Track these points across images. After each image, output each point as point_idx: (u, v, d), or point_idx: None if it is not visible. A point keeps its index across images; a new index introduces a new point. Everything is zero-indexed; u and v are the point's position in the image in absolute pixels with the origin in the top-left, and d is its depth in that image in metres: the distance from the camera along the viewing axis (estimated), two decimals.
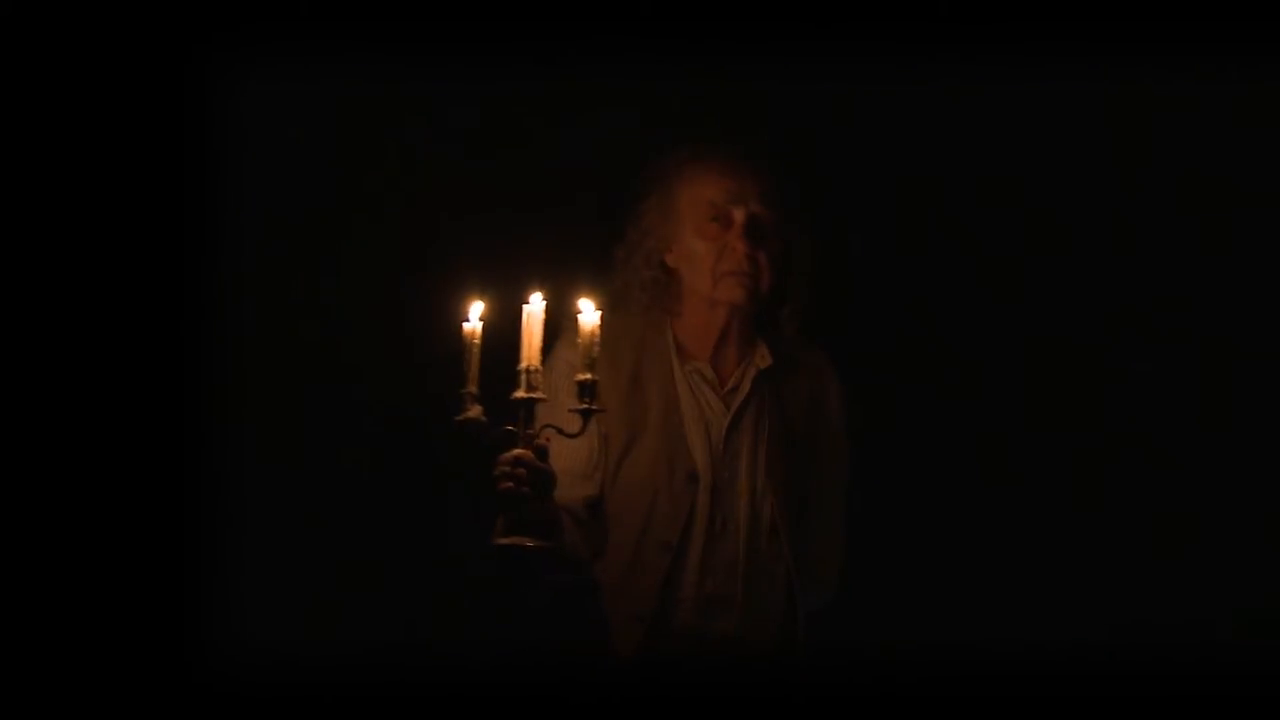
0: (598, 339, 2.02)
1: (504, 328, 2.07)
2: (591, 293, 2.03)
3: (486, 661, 2.74)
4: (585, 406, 2.02)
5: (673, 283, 2.45)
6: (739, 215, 2.38)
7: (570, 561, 2.29)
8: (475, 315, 2.05)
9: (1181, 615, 2.89)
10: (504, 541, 2.03)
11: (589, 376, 2.02)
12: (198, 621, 2.71)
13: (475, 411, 2.03)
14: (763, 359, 2.43)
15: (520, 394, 2.01)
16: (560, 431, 2.05)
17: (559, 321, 2.18)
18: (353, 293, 2.90)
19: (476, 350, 2.05)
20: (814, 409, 2.47)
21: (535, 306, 2.00)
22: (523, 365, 2.00)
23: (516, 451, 2.02)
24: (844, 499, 2.51)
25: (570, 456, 2.33)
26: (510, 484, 2.02)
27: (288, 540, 2.82)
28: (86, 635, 2.64)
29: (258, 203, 2.85)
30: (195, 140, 2.79)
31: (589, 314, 2.01)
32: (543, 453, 2.05)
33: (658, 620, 2.30)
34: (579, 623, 2.37)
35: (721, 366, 2.43)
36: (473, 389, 2.04)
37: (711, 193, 2.40)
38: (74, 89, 2.71)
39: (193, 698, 2.67)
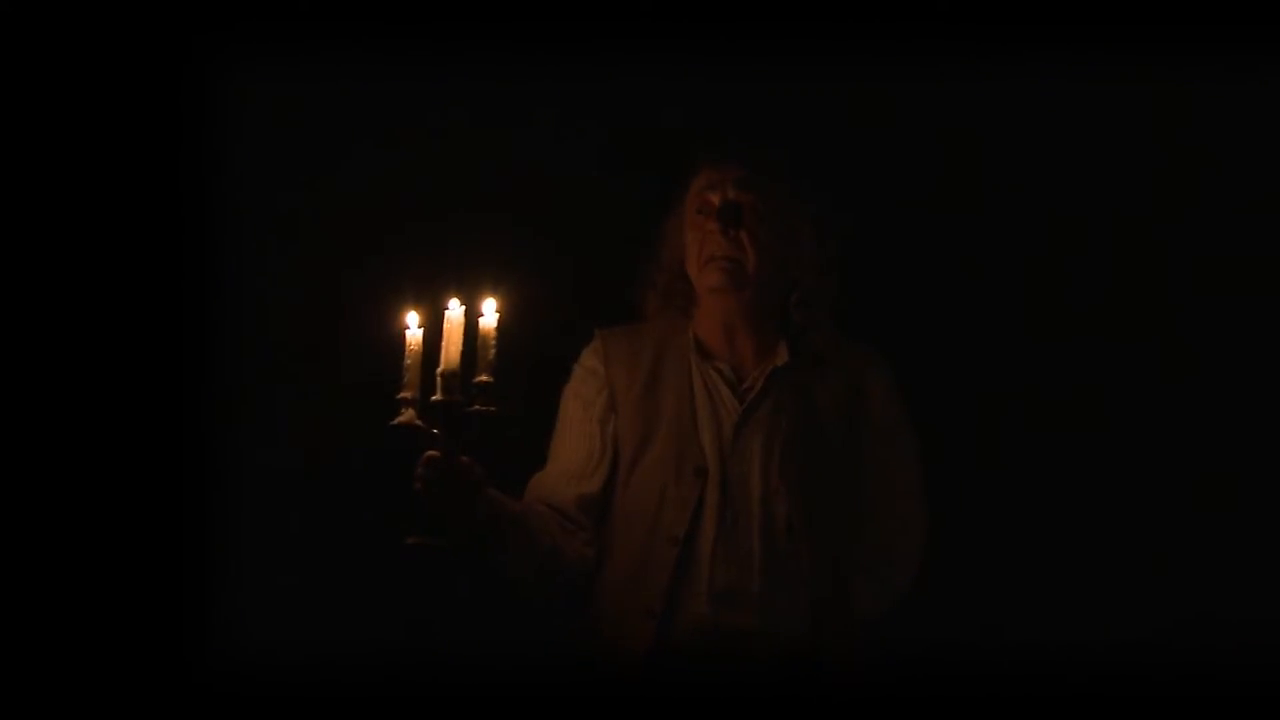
0: (494, 342, 2.03)
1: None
2: (497, 294, 2.05)
3: (489, 661, 2.76)
4: (478, 409, 2.03)
5: (691, 287, 2.47)
6: (715, 200, 2.40)
7: (537, 561, 2.29)
8: (414, 323, 2.08)
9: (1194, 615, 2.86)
10: (410, 540, 2.08)
11: (485, 379, 2.03)
12: (198, 621, 2.74)
13: (407, 416, 2.05)
14: (780, 357, 2.41)
15: (438, 397, 2.03)
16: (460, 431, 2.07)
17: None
18: (348, 291, 2.88)
19: (416, 357, 2.07)
20: (854, 408, 2.43)
21: (454, 312, 2.02)
22: (441, 370, 2.02)
23: (429, 454, 2.05)
24: (911, 498, 2.45)
25: (566, 457, 2.40)
26: (419, 485, 2.05)
27: (288, 540, 2.83)
28: (87, 635, 2.68)
29: (255, 201, 2.86)
30: (193, 138, 2.82)
31: (489, 316, 2.03)
32: (450, 454, 2.06)
33: (671, 615, 2.29)
34: (572, 622, 2.39)
35: (741, 365, 2.43)
36: (408, 394, 2.06)
37: (700, 186, 2.44)
38: (73, 87, 2.75)
39: (193, 698, 2.69)
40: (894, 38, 2.87)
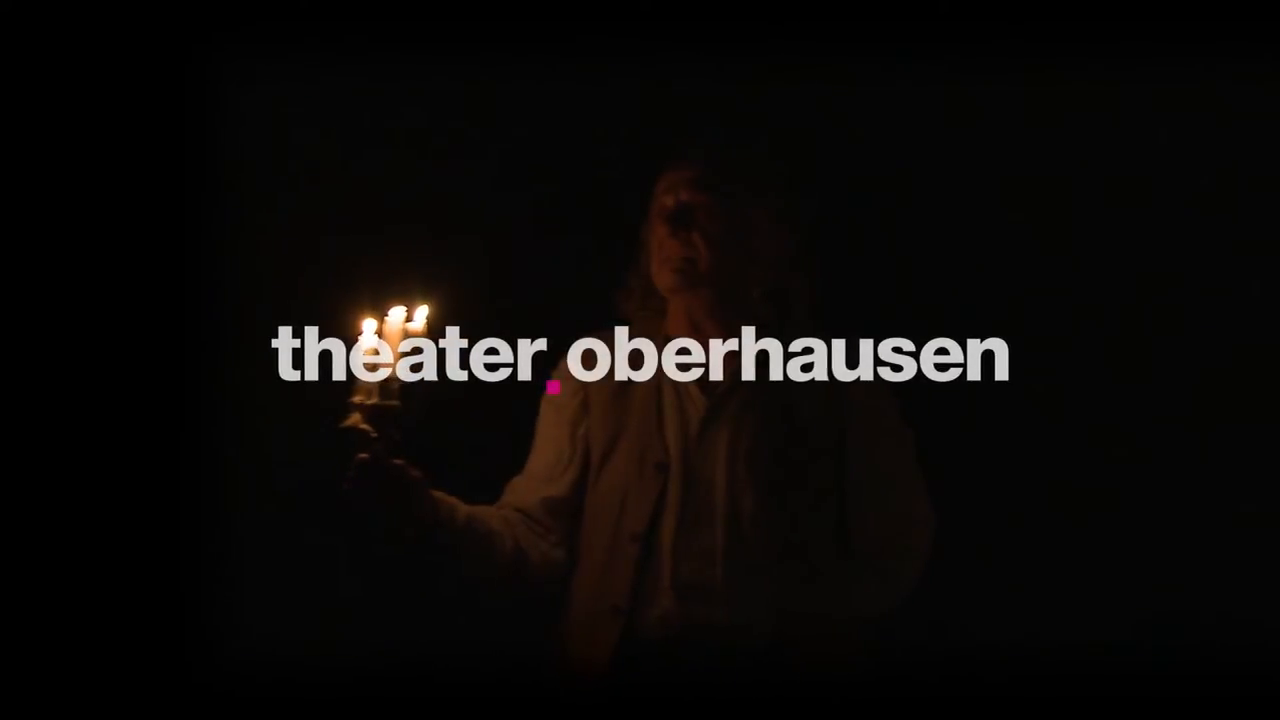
0: (419, 345, 2.08)
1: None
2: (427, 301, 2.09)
3: (485, 661, 2.75)
4: (391, 408, 2.08)
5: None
6: (670, 202, 2.40)
7: (498, 562, 2.31)
8: (370, 329, 2.10)
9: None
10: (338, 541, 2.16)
11: (408, 381, 2.08)
12: (198, 622, 2.77)
13: (354, 419, 2.08)
14: (748, 353, 2.40)
15: (374, 401, 2.07)
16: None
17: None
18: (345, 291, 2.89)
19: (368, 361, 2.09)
20: (834, 403, 2.39)
21: (394, 318, 2.06)
22: (377, 375, 2.06)
23: (360, 456, 2.08)
24: (910, 494, 2.41)
25: (537, 461, 2.45)
26: (348, 486, 2.10)
27: (288, 540, 2.85)
28: (88, 635, 2.72)
29: (258, 202, 2.88)
30: (195, 140, 2.84)
31: (418, 321, 2.07)
32: (379, 457, 2.09)
33: (637, 611, 2.29)
34: (547, 623, 2.41)
35: (712, 361, 2.42)
36: (359, 398, 2.09)
37: (660, 190, 2.44)
38: (74, 89, 2.77)
39: (193, 698, 2.72)
40: (878, 37, 2.88)
